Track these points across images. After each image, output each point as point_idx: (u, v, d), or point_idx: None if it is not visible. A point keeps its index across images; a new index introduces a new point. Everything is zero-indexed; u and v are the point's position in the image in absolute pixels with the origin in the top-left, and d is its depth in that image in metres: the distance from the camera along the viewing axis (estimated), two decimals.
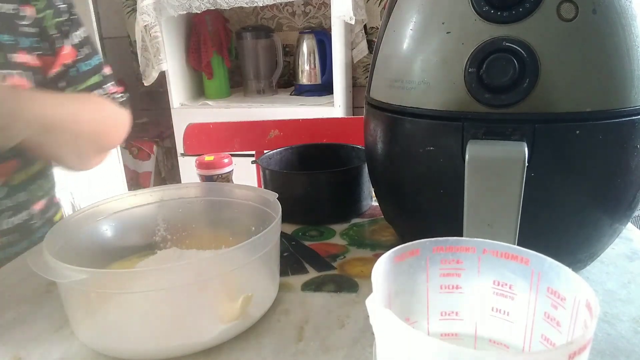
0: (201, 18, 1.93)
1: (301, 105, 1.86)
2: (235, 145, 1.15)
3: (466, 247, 0.30)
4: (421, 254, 0.30)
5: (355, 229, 0.70)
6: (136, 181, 2.34)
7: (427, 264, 0.30)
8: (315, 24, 2.13)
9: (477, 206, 0.44)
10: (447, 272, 0.30)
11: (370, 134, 0.57)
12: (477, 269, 0.30)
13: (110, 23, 2.39)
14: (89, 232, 0.55)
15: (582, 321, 0.25)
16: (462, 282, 0.31)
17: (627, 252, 0.61)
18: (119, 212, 0.58)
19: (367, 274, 0.58)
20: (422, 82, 0.48)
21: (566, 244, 0.50)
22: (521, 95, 0.43)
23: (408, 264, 0.30)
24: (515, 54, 0.43)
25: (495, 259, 0.29)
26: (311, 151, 0.85)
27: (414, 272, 0.31)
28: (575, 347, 0.21)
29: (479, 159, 0.43)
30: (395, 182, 0.56)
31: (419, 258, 0.30)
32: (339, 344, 0.45)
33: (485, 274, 0.30)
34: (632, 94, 0.43)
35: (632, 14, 0.43)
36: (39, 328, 0.50)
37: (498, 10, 0.44)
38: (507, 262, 0.29)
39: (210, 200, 0.62)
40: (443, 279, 0.31)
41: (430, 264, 0.30)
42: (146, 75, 1.90)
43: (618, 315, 0.48)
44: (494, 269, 0.30)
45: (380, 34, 0.54)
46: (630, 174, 0.46)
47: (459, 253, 0.30)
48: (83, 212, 0.55)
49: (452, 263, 0.30)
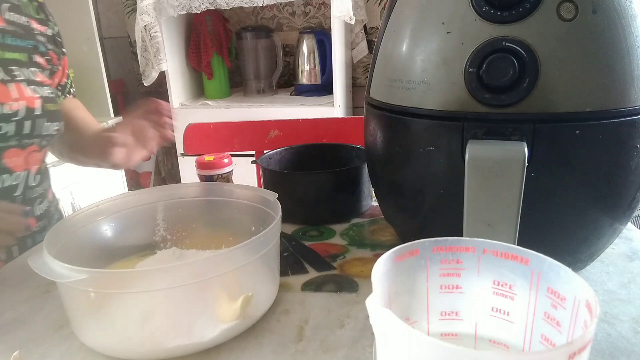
0: (201, 18, 1.93)
1: (301, 105, 1.86)
2: (235, 145, 1.15)
3: (466, 247, 0.30)
4: (421, 254, 0.30)
5: (355, 229, 0.70)
6: (136, 181, 2.34)
7: (427, 263, 0.30)
8: (315, 24, 2.13)
9: (477, 206, 0.44)
10: (447, 272, 0.30)
11: (370, 134, 0.57)
12: (477, 268, 0.30)
13: (110, 23, 2.39)
14: (89, 232, 0.55)
15: (582, 321, 0.25)
16: (462, 282, 0.31)
17: (627, 252, 0.61)
18: (119, 212, 0.58)
19: (367, 274, 0.58)
20: (422, 82, 0.48)
21: (566, 244, 0.50)
22: (521, 95, 0.43)
23: (408, 263, 0.30)
24: (515, 54, 0.43)
25: (495, 259, 0.29)
26: (311, 151, 0.85)
27: (414, 272, 0.31)
28: (575, 347, 0.21)
29: (479, 159, 0.43)
30: (395, 182, 0.56)
31: (418, 258, 0.30)
32: (339, 344, 0.45)
33: (485, 273, 0.30)
34: (632, 93, 0.43)
35: (632, 13, 0.43)
36: (39, 328, 0.50)
37: (498, 10, 0.44)
38: (507, 262, 0.29)
39: (210, 200, 0.62)
40: (443, 279, 0.31)
41: (430, 264, 0.30)
42: (146, 75, 1.90)
43: (618, 315, 0.48)
44: (494, 269, 0.30)
45: (380, 34, 0.54)
46: (630, 173, 0.46)
47: (459, 253, 0.30)
48: (83, 212, 0.55)
49: (452, 263, 0.30)
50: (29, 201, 0.77)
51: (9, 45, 0.73)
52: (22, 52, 0.75)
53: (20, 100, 0.70)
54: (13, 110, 0.69)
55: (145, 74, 1.90)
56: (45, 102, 0.74)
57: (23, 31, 0.76)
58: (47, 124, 0.75)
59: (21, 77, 0.72)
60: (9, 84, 0.70)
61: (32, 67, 0.76)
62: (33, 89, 0.73)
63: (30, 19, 0.79)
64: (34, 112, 0.72)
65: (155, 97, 0.77)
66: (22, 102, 0.70)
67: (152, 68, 1.86)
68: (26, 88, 0.72)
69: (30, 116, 0.71)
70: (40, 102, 0.73)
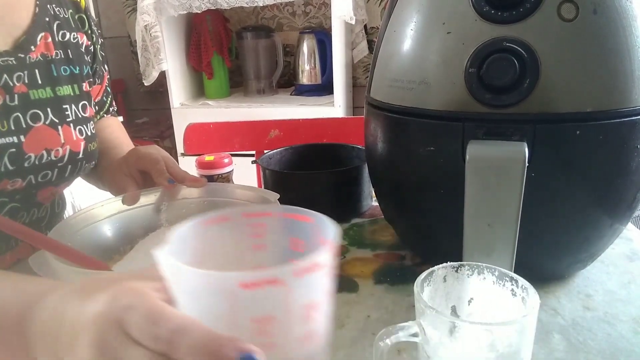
0: (201, 18, 1.93)
1: (301, 105, 1.86)
2: (235, 145, 1.15)
3: (267, 212, 0.36)
4: (231, 220, 0.35)
5: (355, 229, 0.70)
6: None
7: (236, 227, 0.35)
8: (316, 23, 2.13)
9: (477, 206, 0.44)
10: (254, 234, 0.35)
11: (370, 134, 0.57)
12: (277, 229, 0.36)
13: (111, 23, 2.39)
14: (90, 233, 0.55)
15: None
16: (267, 241, 0.36)
17: (627, 252, 0.61)
18: (119, 213, 0.58)
19: (367, 274, 0.58)
20: (423, 82, 0.48)
21: (566, 244, 0.50)
22: (521, 95, 0.43)
23: (220, 227, 0.34)
24: (515, 54, 0.43)
25: (291, 220, 0.35)
26: (311, 151, 0.85)
27: (226, 234, 0.35)
28: (298, 267, 0.27)
29: (480, 159, 0.43)
30: (395, 182, 0.56)
31: (230, 222, 0.35)
32: (339, 344, 0.45)
33: (283, 232, 0.35)
34: (632, 94, 0.43)
35: (632, 14, 0.43)
36: None
37: (498, 11, 0.44)
38: (297, 222, 0.35)
39: (211, 200, 0.62)
40: (252, 240, 0.36)
41: (239, 227, 0.35)
42: (146, 75, 1.90)
43: (618, 315, 0.48)
44: (289, 228, 0.35)
45: (381, 34, 0.54)
46: (630, 174, 0.46)
47: (263, 217, 0.36)
48: (83, 212, 0.55)
49: (257, 226, 0.35)
50: (51, 227, 0.75)
51: (62, 77, 0.68)
52: (74, 83, 0.70)
53: (66, 145, 0.67)
54: (58, 157, 0.66)
55: (146, 74, 1.91)
56: (88, 143, 0.71)
57: (73, 53, 0.72)
58: (86, 165, 0.71)
59: (71, 117, 0.68)
60: (58, 127, 0.66)
61: (83, 101, 0.71)
62: (79, 130, 0.69)
63: (78, 32, 0.73)
64: (77, 156, 0.69)
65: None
66: (67, 147, 0.67)
67: (152, 68, 1.87)
68: (73, 130, 0.68)
69: (72, 160, 0.68)
70: (84, 144, 0.70)
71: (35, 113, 0.63)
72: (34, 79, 0.64)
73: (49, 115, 0.65)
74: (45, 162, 0.64)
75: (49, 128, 0.65)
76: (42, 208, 0.71)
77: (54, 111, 0.66)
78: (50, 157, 0.64)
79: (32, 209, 0.68)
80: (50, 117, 0.65)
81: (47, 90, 0.65)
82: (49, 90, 0.65)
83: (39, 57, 0.65)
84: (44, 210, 0.71)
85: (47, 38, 0.67)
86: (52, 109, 0.65)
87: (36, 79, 0.64)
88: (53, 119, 0.65)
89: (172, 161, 0.67)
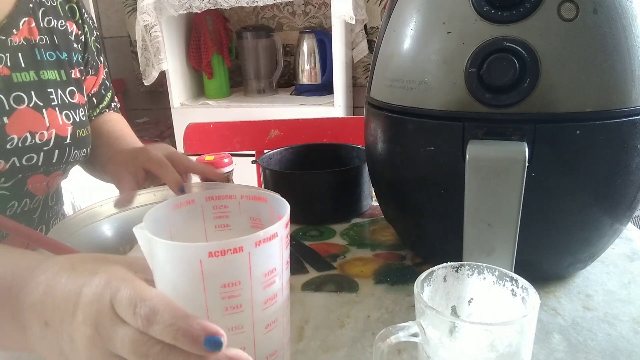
0: (201, 18, 1.93)
1: (301, 105, 1.86)
2: (235, 145, 1.15)
3: (229, 195, 0.40)
4: (196, 203, 0.39)
5: (355, 229, 0.70)
6: None
7: (202, 210, 0.39)
8: (316, 23, 2.13)
9: (477, 206, 0.44)
10: (218, 215, 0.40)
11: (370, 134, 0.57)
12: (238, 210, 0.40)
13: (110, 23, 2.39)
14: (90, 233, 0.55)
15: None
16: (230, 221, 0.40)
17: (628, 252, 0.61)
18: (119, 213, 0.58)
19: (367, 274, 0.58)
20: (423, 82, 0.48)
21: (567, 244, 0.50)
22: (522, 95, 0.43)
23: (186, 210, 0.39)
24: (515, 54, 0.43)
25: (249, 201, 0.40)
26: (311, 151, 0.85)
27: (192, 216, 0.39)
28: (259, 237, 0.31)
29: (480, 159, 0.43)
30: (395, 182, 0.56)
31: (195, 206, 0.39)
32: (339, 344, 0.45)
33: (244, 213, 0.40)
34: (632, 94, 0.43)
35: (632, 14, 0.43)
36: None
37: (498, 10, 0.44)
38: (257, 203, 0.39)
39: None
40: (216, 220, 0.40)
41: (205, 210, 0.39)
42: (146, 75, 1.90)
43: (618, 316, 0.48)
44: (250, 209, 0.40)
45: (381, 34, 0.54)
46: (630, 174, 0.46)
47: (226, 200, 0.40)
48: (83, 212, 0.55)
49: (221, 208, 0.40)
50: (45, 220, 0.75)
51: (47, 62, 0.68)
52: (60, 69, 0.70)
53: (51, 129, 0.67)
54: (43, 140, 0.65)
55: (146, 74, 1.91)
56: (77, 129, 0.71)
57: (60, 39, 0.71)
58: (75, 152, 0.71)
59: (56, 101, 0.68)
60: (43, 110, 0.66)
61: (70, 87, 0.72)
62: (66, 115, 0.69)
63: (67, 20, 0.74)
64: (64, 141, 0.69)
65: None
66: (53, 131, 0.67)
67: (152, 67, 1.87)
68: (59, 114, 0.68)
69: (59, 145, 0.68)
70: (71, 129, 0.70)
71: (19, 95, 0.63)
72: (17, 61, 0.64)
73: (32, 98, 0.65)
74: (29, 144, 0.64)
75: (32, 110, 0.65)
76: (34, 199, 0.71)
77: (38, 94, 0.66)
78: (34, 140, 0.64)
79: (23, 199, 0.69)
80: (35, 100, 0.65)
81: (30, 74, 0.65)
82: (32, 74, 0.66)
83: (21, 41, 0.65)
84: (36, 201, 0.71)
85: (31, 23, 0.67)
86: (36, 92, 0.66)
87: (19, 62, 0.64)
88: (37, 102, 0.66)
89: (185, 158, 0.68)
